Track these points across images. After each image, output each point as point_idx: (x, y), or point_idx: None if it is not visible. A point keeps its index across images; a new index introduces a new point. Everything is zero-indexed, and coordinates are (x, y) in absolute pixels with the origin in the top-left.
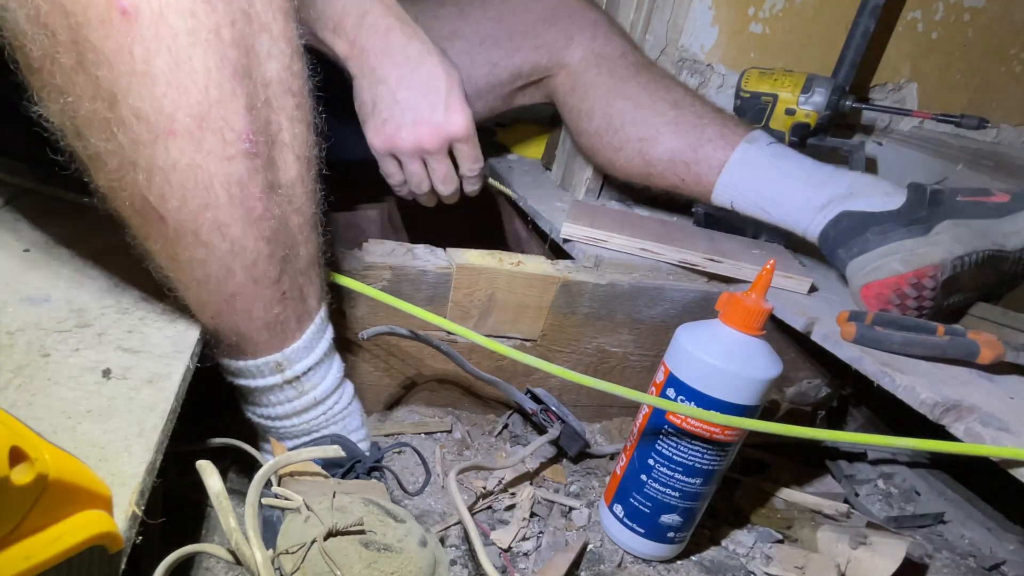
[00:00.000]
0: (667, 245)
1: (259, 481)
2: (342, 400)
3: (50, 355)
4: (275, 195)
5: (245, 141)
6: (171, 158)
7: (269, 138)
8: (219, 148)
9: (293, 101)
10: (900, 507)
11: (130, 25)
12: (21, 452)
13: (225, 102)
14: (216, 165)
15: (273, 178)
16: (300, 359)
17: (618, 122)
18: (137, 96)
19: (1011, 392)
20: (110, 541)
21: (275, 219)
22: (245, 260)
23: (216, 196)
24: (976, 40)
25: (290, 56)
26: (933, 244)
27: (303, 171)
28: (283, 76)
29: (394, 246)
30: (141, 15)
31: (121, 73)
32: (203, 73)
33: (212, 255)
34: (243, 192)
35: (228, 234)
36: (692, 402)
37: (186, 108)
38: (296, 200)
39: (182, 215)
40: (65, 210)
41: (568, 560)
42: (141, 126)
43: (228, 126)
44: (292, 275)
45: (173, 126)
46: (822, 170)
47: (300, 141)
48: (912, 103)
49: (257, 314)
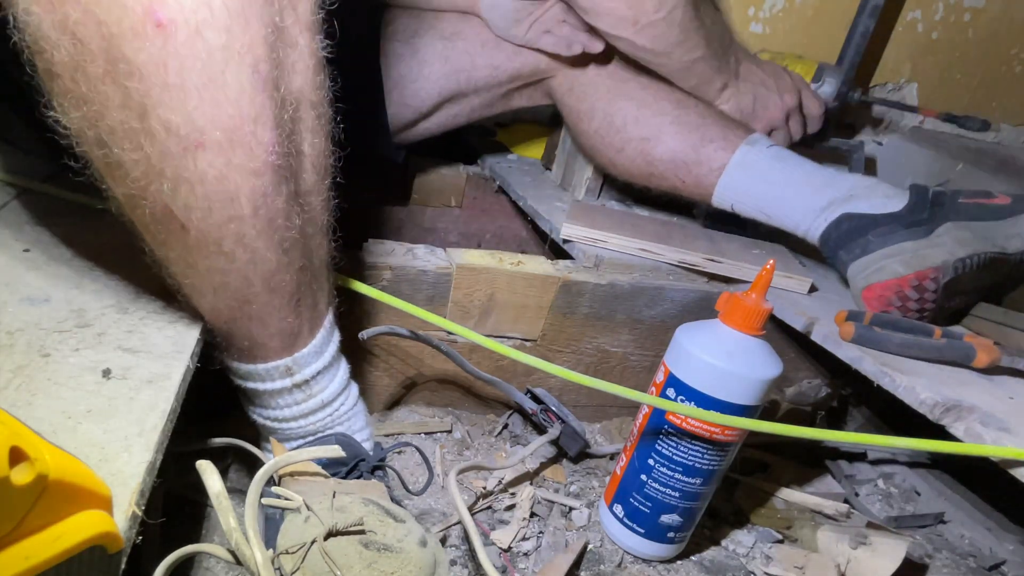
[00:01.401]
0: (667, 245)
1: (259, 481)
2: (348, 401)
3: (50, 355)
4: (295, 206)
5: (272, 154)
6: (199, 170)
7: (293, 149)
8: (247, 161)
9: (314, 113)
10: (900, 507)
11: (166, 39)
12: (21, 452)
13: (256, 117)
14: (243, 178)
15: (295, 189)
16: (310, 363)
17: (619, 122)
18: (168, 109)
19: (1011, 392)
20: (110, 541)
21: (294, 229)
22: (264, 270)
23: (241, 208)
24: (976, 40)
25: (314, 69)
26: (935, 246)
27: (318, 181)
28: (306, 89)
29: (394, 246)
30: (177, 29)
31: (153, 85)
32: (236, 88)
33: (232, 265)
34: (267, 204)
35: (250, 245)
36: (692, 402)
37: (217, 122)
38: (312, 209)
39: (206, 225)
40: (65, 210)
41: (568, 561)
42: (171, 138)
43: (257, 140)
44: (307, 283)
45: (203, 139)
46: (822, 172)
47: (318, 152)
48: (912, 103)
49: (271, 321)
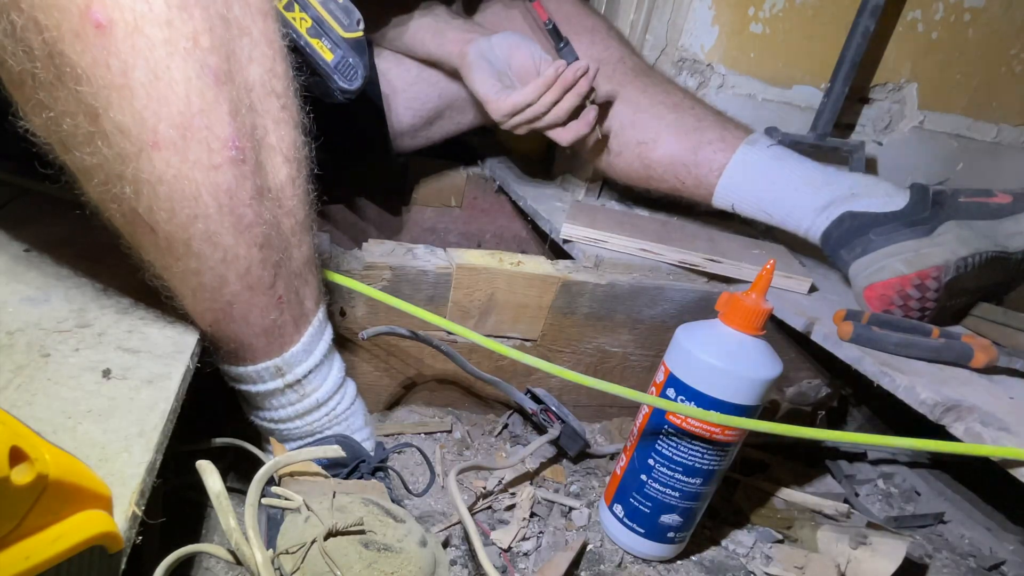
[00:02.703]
0: (667, 245)
1: (259, 481)
2: (344, 401)
3: (50, 355)
4: (265, 200)
5: (231, 148)
6: (156, 170)
7: (256, 143)
8: (205, 157)
9: (278, 103)
10: (900, 507)
11: (105, 38)
12: (21, 452)
13: (208, 111)
14: (203, 175)
15: (262, 183)
16: (300, 363)
17: (616, 126)
18: (117, 109)
19: (1011, 392)
20: (110, 541)
21: (266, 224)
22: (239, 268)
23: (205, 206)
24: (976, 40)
25: (272, 58)
26: (936, 245)
27: (293, 173)
28: (266, 79)
29: (394, 246)
30: (116, 28)
31: (100, 87)
32: (183, 83)
33: (205, 265)
34: (232, 200)
35: (220, 243)
36: (692, 402)
37: (168, 119)
38: (287, 203)
39: (171, 227)
40: (65, 210)
41: (568, 559)
42: (124, 139)
43: (213, 135)
44: (287, 279)
45: (156, 138)
46: (823, 171)
47: (288, 143)
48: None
49: (254, 320)
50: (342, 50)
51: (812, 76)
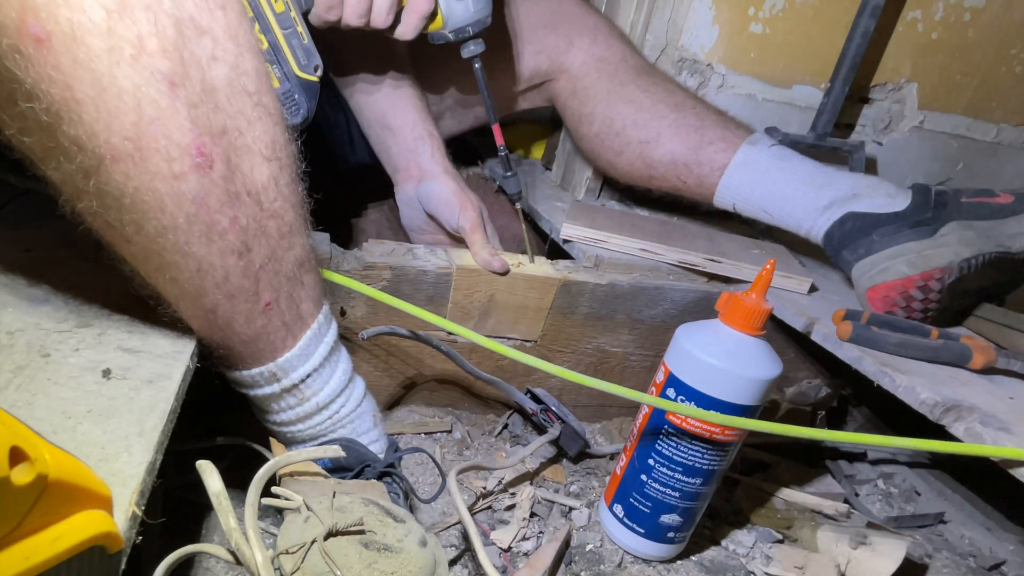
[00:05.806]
0: (667, 245)
1: (259, 481)
2: (349, 403)
3: (50, 355)
4: (241, 205)
5: (194, 155)
6: (117, 184)
7: (226, 146)
8: (165, 167)
9: (250, 101)
10: (900, 507)
11: (46, 53)
12: (21, 452)
13: (163, 118)
14: (165, 185)
15: (237, 187)
16: (296, 367)
17: (619, 126)
18: (68, 124)
19: (1011, 392)
20: (110, 541)
21: (244, 230)
22: (215, 278)
23: (172, 216)
24: (976, 40)
25: (237, 54)
26: (940, 246)
27: (275, 173)
28: (233, 77)
29: (394, 246)
30: (54, 40)
31: (49, 103)
32: (132, 91)
33: (181, 275)
34: (200, 208)
35: (191, 253)
36: (692, 402)
37: (120, 131)
38: (270, 205)
39: (142, 239)
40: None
41: (554, 549)
42: (82, 154)
43: (171, 142)
44: (275, 284)
45: (112, 151)
46: (824, 172)
47: (265, 142)
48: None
49: (239, 328)
50: (291, 84)
51: (812, 76)
